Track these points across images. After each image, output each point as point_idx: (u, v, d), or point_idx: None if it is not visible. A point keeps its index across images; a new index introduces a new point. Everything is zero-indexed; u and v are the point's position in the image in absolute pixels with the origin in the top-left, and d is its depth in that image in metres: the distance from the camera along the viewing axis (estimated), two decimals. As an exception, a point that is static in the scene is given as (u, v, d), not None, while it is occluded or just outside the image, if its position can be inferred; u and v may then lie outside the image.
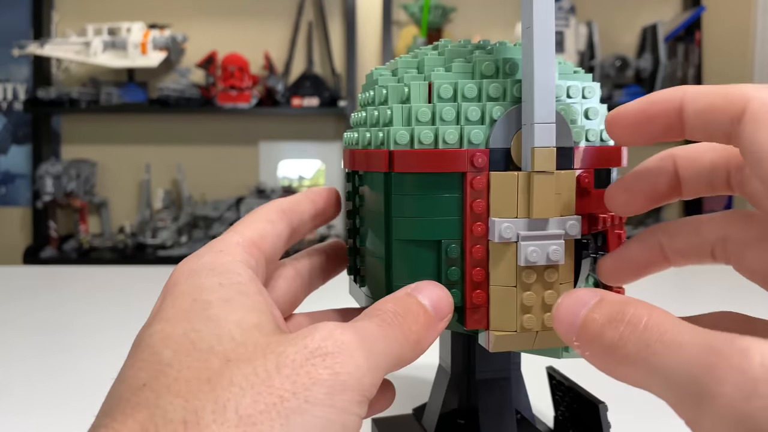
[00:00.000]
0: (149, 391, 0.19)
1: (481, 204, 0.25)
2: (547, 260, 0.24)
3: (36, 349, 0.58)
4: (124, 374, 0.20)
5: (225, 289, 0.22)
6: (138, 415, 0.19)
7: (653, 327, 0.18)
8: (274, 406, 0.18)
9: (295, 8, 2.05)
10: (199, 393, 0.19)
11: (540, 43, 0.24)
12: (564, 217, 0.24)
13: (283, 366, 0.19)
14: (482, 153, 0.25)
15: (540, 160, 0.24)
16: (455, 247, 0.25)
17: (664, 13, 2.04)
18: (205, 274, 0.22)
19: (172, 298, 0.22)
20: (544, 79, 0.24)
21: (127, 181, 2.10)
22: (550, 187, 0.24)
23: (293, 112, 2.00)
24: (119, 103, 1.93)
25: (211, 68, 1.95)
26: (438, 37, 1.97)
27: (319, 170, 2.12)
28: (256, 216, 0.26)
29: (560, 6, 1.90)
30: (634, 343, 0.18)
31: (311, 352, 0.20)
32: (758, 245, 0.22)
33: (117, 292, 0.81)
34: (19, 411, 0.45)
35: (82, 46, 1.88)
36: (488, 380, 0.32)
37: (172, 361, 0.20)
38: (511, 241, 0.24)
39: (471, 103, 0.25)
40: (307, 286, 0.29)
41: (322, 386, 0.19)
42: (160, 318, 0.22)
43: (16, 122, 2.08)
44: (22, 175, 2.10)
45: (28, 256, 1.94)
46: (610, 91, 1.93)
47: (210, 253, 0.24)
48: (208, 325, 0.21)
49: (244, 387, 0.19)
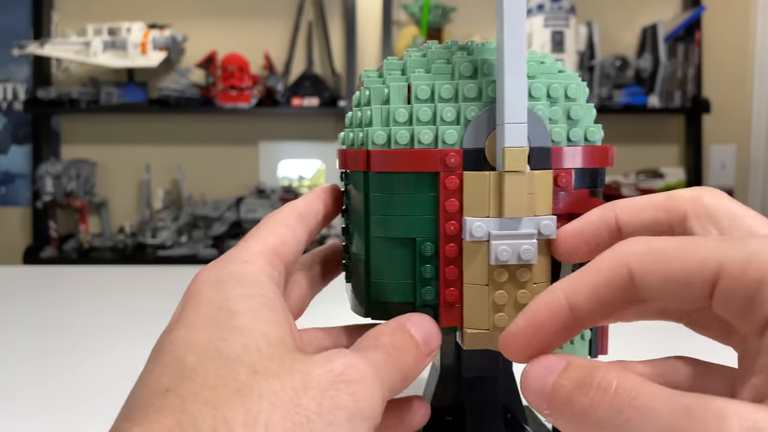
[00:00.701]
0: (174, 396, 0.19)
1: (454, 203, 0.25)
2: (519, 260, 0.24)
3: (36, 349, 0.58)
4: (145, 379, 0.20)
5: (252, 300, 0.22)
6: (164, 420, 0.18)
7: (623, 391, 0.17)
8: (301, 426, 0.19)
9: (295, 8, 2.05)
10: (228, 403, 0.19)
11: (510, 42, 0.24)
12: (538, 216, 0.25)
13: (310, 387, 0.19)
14: (455, 153, 0.25)
15: (510, 160, 0.24)
16: (430, 245, 0.26)
17: (664, 13, 2.04)
18: (231, 284, 0.22)
19: (195, 305, 0.22)
20: (514, 79, 0.24)
21: (127, 181, 2.10)
22: (521, 186, 0.24)
23: (293, 112, 2.00)
24: (119, 103, 1.93)
25: (211, 68, 1.95)
26: (438, 37, 1.97)
27: (319, 170, 2.12)
28: (276, 221, 0.26)
29: (560, 6, 1.90)
30: (606, 409, 0.17)
31: (335, 377, 0.20)
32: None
33: (117, 292, 0.81)
34: (20, 411, 0.45)
35: (82, 46, 1.88)
36: (475, 378, 0.32)
37: (196, 368, 0.20)
38: (482, 240, 0.24)
39: (447, 104, 0.25)
40: (313, 292, 0.30)
41: (344, 411, 0.19)
42: (181, 324, 0.21)
43: (16, 122, 2.08)
44: (22, 175, 2.10)
45: (28, 256, 1.94)
46: (610, 91, 1.93)
47: (235, 263, 0.23)
48: (233, 334, 0.20)
49: (274, 402, 0.19)
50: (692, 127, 2.02)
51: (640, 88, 1.94)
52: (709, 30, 2.02)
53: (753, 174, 2.11)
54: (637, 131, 2.08)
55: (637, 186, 1.95)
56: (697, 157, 2.01)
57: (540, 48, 1.86)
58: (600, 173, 0.27)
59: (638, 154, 2.08)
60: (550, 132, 0.26)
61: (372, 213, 0.26)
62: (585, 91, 0.27)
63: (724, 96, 2.05)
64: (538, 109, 0.25)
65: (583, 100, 0.27)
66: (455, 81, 0.26)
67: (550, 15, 1.87)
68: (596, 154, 0.27)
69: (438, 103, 0.26)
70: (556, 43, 1.86)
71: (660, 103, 1.93)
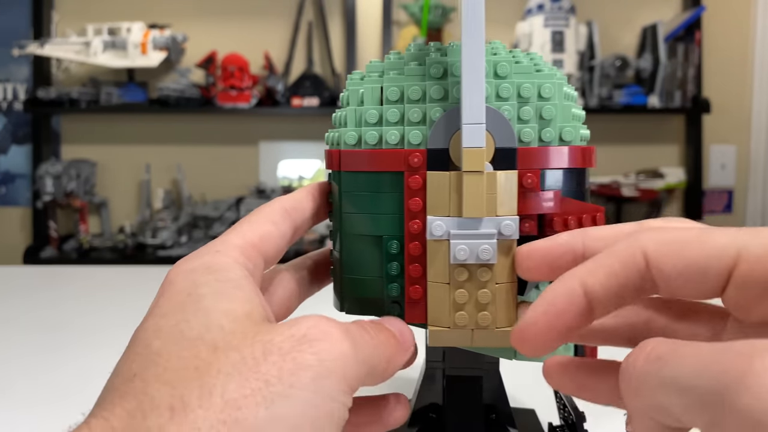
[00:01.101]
0: (139, 380, 0.20)
1: (417, 202, 0.26)
2: (477, 259, 0.24)
3: (36, 348, 0.58)
4: (118, 368, 0.21)
5: (219, 284, 0.22)
6: (126, 404, 0.19)
7: (664, 344, 0.18)
8: (259, 390, 0.19)
9: (295, 8, 2.05)
10: (186, 380, 0.19)
11: (467, 44, 0.24)
12: (499, 217, 0.25)
13: (270, 353, 0.19)
14: (419, 153, 0.25)
15: (468, 161, 0.24)
16: (395, 243, 0.26)
17: (664, 13, 2.04)
18: (201, 272, 0.23)
19: (168, 295, 0.22)
20: (471, 80, 0.24)
21: (127, 181, 2.10)
22: (479, 187, 0.24)
23: (293, 112, 2.00)
24: (119, 103, 1.93)
25: (211, 68, 1.95)
26: (438, 37, 1.97)
27: (319, 170, 2.12)
28: (259, 216, 0.26)
29: (560, 6, 1.90)
30: (645, 359, 0.18)
31: (298, 340, 0.20)
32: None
33: (117, 292, 0.81)
34: (19, 409, 0.46)
35: (82, 46, 1.88)
36: (458, 377, 0.32)
37: (161, 351, 0.20)
38: (443, 239, 0.25)
39: (414, 105, 0.26)
40: (303, 295, 0.30)
41: (308, 371, 0.19)
42: (154, 314, 0.22)
43: (16, 122, 2.08)
44: (22, 175, 2.10)
45: (28, 256, 1.94)
46: (610, 91, 1.93)
47: (208, 254, 0.24)
48: (197, 315, 0.21)
49: (231, 373, 0.19)
50: (692, 127, 2.02)
51: (640, 88, 1.94)
52: (709, 30, 2.02)
53: (753, 174, 2.11)
54: (637, 131, 2.08)
55: (637, 186, 1.95)
56: (697, 157, 2.01)
57: (540, 48, 1.86)
58: (575, 174, 0.27)
59: (638, 154, 2.08)
60: (518, 132, 0.26)
61: (344, 211, 0.28)
62: (564, 91, 0.27)
63: (724, 96, 2.05)
64: (504, 109, 0.25)
65: (560, 100, 0.26)
66: (424, 82, 0.26)
67: (550, 15, 1.87)
68: (571, 154, 0.26)
69: (406, 105, 0.26)
70: (556, 43, 1.86)
71: (660, 103, 1.93)
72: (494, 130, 0.25)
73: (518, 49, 0.33)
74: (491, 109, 0.25)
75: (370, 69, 0.29)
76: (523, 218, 0.25)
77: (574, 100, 0.29)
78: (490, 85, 0.26)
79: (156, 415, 0.18)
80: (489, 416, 0.32)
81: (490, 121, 0.25)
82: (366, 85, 0.27)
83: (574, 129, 0.26)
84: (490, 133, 0.25)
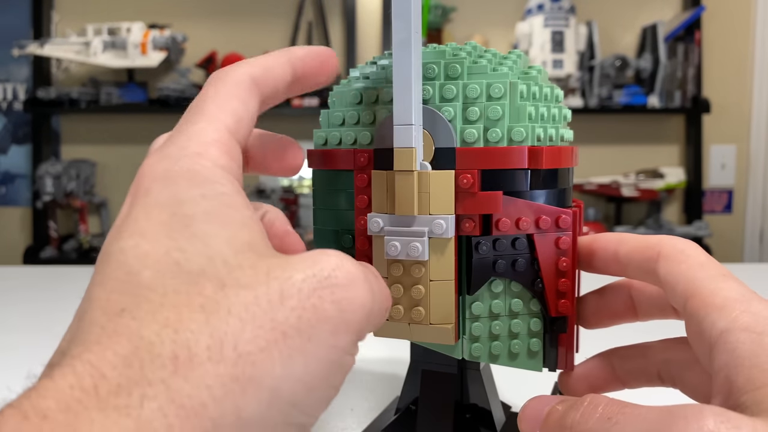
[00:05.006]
0: (130, 318, 0.16)
1: (363, 199, 0.27)
2: (407, 256, 0.25)
3: (36, 349, 0.58)
4: (95, 295, 0.18)
5: (209, 201, 0.19)
6: (118, 347, 0.16)
7: (612, 404, 0.19)
8: (276, 343, 0.17)
9: (295, 8, 2.05)
10: (191, 323, 0.16)
11: (397, 46, 0.24)
12: (432, 215, 0.25)
13: (289, 296, 0.17)
14: (365, 153, 0.27)
15: (400, 160, 0.25)
16: (348, 237, 0.28)
17: (664, 13, 2.04)
18: (183, 185, 0.19)
19: (144, 208, 0.19)
20: (400, 83, 0.25)
21: (127, 181, 2.09)
22: (409, 185, 0.25)
23: (293, 112, 2.00)
24: (119, 103, 1.93)
25: (211, 68, 1.95)
26: (438, 37, 1.97)
27: (319, 170, 2.12)
28: (227, 92, 0.21)
29: (560, 6, 1.90)
30: (596, 419, 0.19)
31: (320, 282, 0.18)
32: (694, 367, 0.25)
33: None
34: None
35: (82, 46, 1.88)
36: (432, 372, 0.32)
37: (154, 284, 0.17)
38: (380, 235, 0.26)
39: (368, 108, 0.27)
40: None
41: (327, 323, 0.17)
42: (132, 231, 0.18)
43: (16, 122, 2.08)
44: (22, 175, 2.10)
45: (28, 256, 1.94)
46: (610, 91, 1.93)
47: (186, 157, 0.19)
48: (193, 243, 0.18)
49: (244, 319, 0.16)
50: (692, 127, 2.02)
51: (640, 88, 1.94)
52: (709, 30, 2.02)
53: (753, 174, 2.11)
54: (637, 131, 2.08)
55: (637, 186, 1.95)
56: (697, 157, 2.01)
57: (540, 48, 1.86)
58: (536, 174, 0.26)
59: (638, 154, 2.08)
60: (460, 132, 0.26)
61: (313, 206, 0.30)
62: (508, 89, 0.26)
63: (724, 96, 2.05)
64: (445, 110, 0.26)
65: (512, 100, 0.26)
66: (381, 85, 0.27)
67: (550, 15, 1.87)
68: (519, 154, 0.26)
69: (363, 106, 0.27)
70: (556, 43, 1.86)
71: (660, 103, 1.93)
72: (433, 131, 0.26)
73: (517, 49, 0.33)
74: (429, 109, 0.26)
75: (353, 73, 0.30)
76: (463, 218, 0.26)
77: (555, 100, 0.29)
78: (433, 87, 0.26)
79: (157, 366, 0.15)
80: (464, 415, 0.32)
81: (429, 122, 0.26)
82: (339, 89, 0.29)
83: (526, 129, 0.26)
84: (430, 133, 0.26)
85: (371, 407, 0.43)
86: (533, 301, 0.27)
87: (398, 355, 0.52)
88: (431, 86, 0.26)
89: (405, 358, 0.34)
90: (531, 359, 0.27)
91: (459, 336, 0.27)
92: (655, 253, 0.24)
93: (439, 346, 0.27)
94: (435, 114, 0.26)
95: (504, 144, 0.26)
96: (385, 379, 0.49)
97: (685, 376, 0.25)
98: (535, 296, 0.27)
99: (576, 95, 1.91)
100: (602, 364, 0.27)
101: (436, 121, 0.26)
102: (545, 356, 0.27)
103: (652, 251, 0.24)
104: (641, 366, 0.27)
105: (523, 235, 0.26)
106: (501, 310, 0.27)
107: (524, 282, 0.27)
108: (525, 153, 0.26)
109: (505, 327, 0.27)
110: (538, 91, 0.27)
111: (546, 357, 0.27)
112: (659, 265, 0.24)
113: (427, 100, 0.26)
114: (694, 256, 0.23)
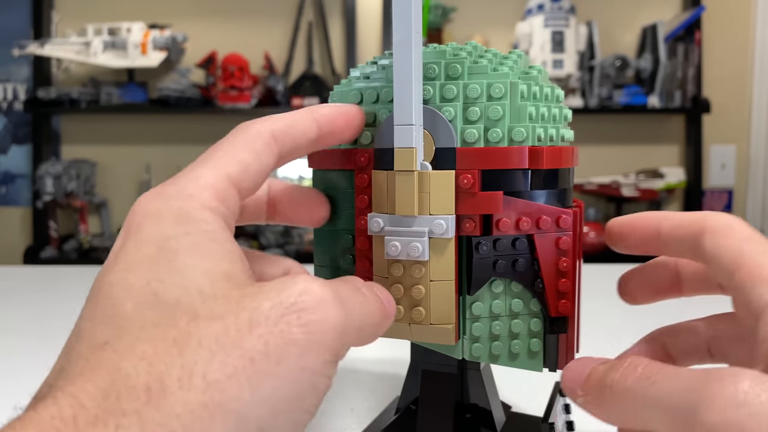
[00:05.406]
0: (111, 351, 0.17)
1: (363, 199, 0.27)
2: (407, 256, 0.25)
3: (36, 349, 0.58)
4: (83, 328, 0.19)
5: (192, 237, 0.20)
6: (98, 380, 0.17)
7: (652, 365, 0.20)
8: (244, 369, 0.17)
9: (295, 8, 2.05)
10: (165, 356, 0.17)
11: (398, 46, 0.24)
12: (432, 215, 0.25)
13: (257, 324, 0.18)
14: (366, 153, 0.27)
15: (400, 160, 0.25)
16: (349, 237, 0.28)
17: (664, 13, 2.04)
18: (171, 222, 0.20)
19: (135, 243, 0.20)
20: (401, 82, 0.25)
21: (127, 181, 2.10)
22: (409, 185, 0.25)
23: (293, 112, 2.00)
24: (119, 103, 1.93)
25: (211, 68, 1.95)
26: (438, 37, 1.97)
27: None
28: (242, 143, 0.23)
29: (560, 6, 1.90)
30: (635, 378, 0.20)
31: (287, 308, 0.18)
32: (742, 342, 0.25)
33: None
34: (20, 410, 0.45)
35: (82, 46, 1.88)
36: (431, 372, 0.32)
37: (134, 317, 0.18)
38: (380, 235, 0.26)
39: (369, 107, 0.27)
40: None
41: (295, 347, 0.18)
42: (121, 266, 0.19)
43: (16, 122, 2.08)
44: (22, 175, 2.10)
45: (28, 256, 1.94)
46: (610, 91, 1.93)
47: (179, 197, 0.21)
48: (172, 275, 0.19)
49: (214, 350, 0.17)
50: (692, 127, 2.02)
51: (640, 88, 1.94)
52: (709, 30, 2.02)
53: (753, 174, 2.11)
54: (637, 131, 2.08)
55: (637, 186, 1.95)
56: (697, 157, 2.01)
57: (540, 48, 1.86)
58: (537, 174, 0.26)
59: (638, 154, 2.08)
60: (461, 133, 0.26)
61: None
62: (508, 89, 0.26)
63: (724, 96, 2.05)
64: (445, 110, 0.26)
65: (513, 100, 0.26)
66: (381, 85, 0.27)
67: (550, 15, 1.87)
68: (520, 154, 0.26)
69: (363, 106, 0.27)
70: (556, 43, 1.86)
71: (660, 103, 1.93)
72: (434, 131, 0.26)
73: (518, 49, 0.33)
74: (430, 109, 0.26)
75: (353, 73, 0.30)
76: (463, 218, 0.25)
77: (556, 100, 0.29)
78: (434, 87, 0.26)
79: (132, 397, 0.16)
80: (464, 415, 0.32)
81: (429, 122, 0.26)
82: (339, 89, 0.29)
83: (526, 129, 0.26)
84: (430, 133, 0.26)
85: (371, 407, 0.43)
86: (533, 301, 0.27)
87: (398, 355, 0.52)
88: (432, 86, 0.26)
89: (405, 358, 0.34)
90: (531, 359, 0.27)
91: (459, 336, 0.27)
92: (700, 228, 0.24)
93: (439, 347, 0.27)
94: (435, 114, 0.26)
95: (504, 144, 0.26)
96: (385, 379, 0.49)
97: (735, 351, 0.25)
98: (535, 296, 0.27)
99: (576, 95, 1.91)
100: (652, 345, 0.27)
101: (437, 121, 0.26)
102: (545, 356, 0.27)
103: (696, 226, 0.24)
104: (693, 343, 0.27)
105: (523, 235, 0.26)
106: (501, 311, 0.27)
107: (524, 282, 0.27)
108: (525, 153, 0.26)
109: (505, 327, 0.27)
110: (539, 91, 0.27)
111: (546, 357, 0.27)
112: (705, 239, 0.23)
113: (428, 100, 0.26)
114: (739, 230, 0.23)
